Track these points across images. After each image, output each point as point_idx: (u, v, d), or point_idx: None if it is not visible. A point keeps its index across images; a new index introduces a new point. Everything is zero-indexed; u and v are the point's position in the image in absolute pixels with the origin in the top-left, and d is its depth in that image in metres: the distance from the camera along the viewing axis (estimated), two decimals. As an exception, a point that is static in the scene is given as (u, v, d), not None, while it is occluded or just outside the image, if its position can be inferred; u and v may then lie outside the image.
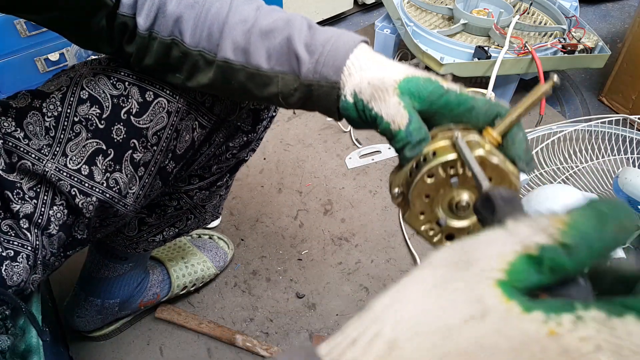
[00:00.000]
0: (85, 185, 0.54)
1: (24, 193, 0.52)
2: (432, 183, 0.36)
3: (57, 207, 0.54)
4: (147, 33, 0.50)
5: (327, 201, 1.15)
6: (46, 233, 0.53)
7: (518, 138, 0.37)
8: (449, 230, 0.38)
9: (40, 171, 0.52)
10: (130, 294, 0.86)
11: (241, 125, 0.67)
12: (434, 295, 0.19)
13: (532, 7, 1.47)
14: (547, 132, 1.19)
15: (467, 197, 0.36)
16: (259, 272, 1.02)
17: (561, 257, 0.19)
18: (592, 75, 1.50)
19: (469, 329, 0.17)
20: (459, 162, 0.35)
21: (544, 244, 0.19)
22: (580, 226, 0.19)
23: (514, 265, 0.19)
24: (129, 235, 0.75)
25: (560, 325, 0.17)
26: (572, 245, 0.19)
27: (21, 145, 0.52)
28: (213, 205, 0.80)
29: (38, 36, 1.12)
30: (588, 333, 0.17)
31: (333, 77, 0.43)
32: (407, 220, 0.38)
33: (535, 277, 0.19)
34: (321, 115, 1.34)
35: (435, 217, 0.37)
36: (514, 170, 0.36)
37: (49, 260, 0.56)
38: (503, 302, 0.18)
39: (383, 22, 1.45)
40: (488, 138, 0.37)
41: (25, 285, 0.53)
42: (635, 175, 0.91)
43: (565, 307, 0.17)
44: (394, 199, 0.39)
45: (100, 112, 0.53)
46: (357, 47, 0.44)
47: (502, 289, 0.18)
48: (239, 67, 0.48)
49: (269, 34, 0.47)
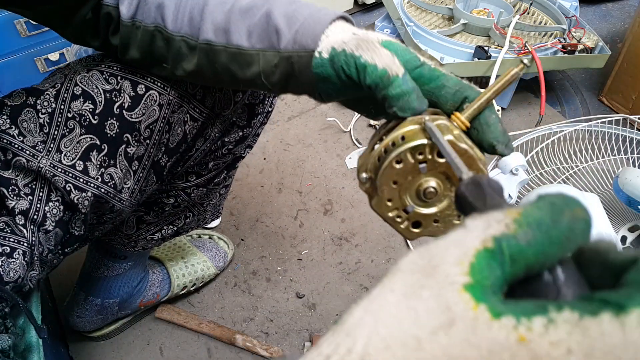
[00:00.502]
0: (80, 180, 0.54)
1: (19, 190, 0.52)
2: (401, 169, 0.35)
3: (52, 203, 0.54)
4: (130, 22, 0.51)
5: (327, 201, 1.15)
6: (42, 229, 0.54)
7: (492, 121, 0.36)
8: (416, 217, 0.37)
9: (35, 167, 0.52)
10: (130, 294, 0.86)
11: (236, 120, 0.67)
12: (403, 305, 0.18)
13: (532, 7, 1.47)
14: (547, 132, 1.19)
15: (435, 183, 0.35)
16: (259, 272, 1.02)
17: (519, 245, 0.18)
18: (592, 75, 1.50)
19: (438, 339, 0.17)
20: (428, 147, 0.34)
21: (500, 234, 0.19)
22: (534, 215, 0.19)
23: (476, 265, 0.18)
24: (128, 233, 0.76)
25: (530, 330, 0.16)
26: (528, 233, 0.18)
27: (16, 142, 0.52)
28: (213, 205, 0.80)
29: (38, 36, 1.12)
30: (559, 337, 0.16)
31: (311, 46, 0.42)
32: (374, 206, 0.37)
33: (499, 270, 0.18)
34: (321, 115, 1.34)
35: (402, 204, 0.37)
36: (481, 157, 0.35)
37: (47, 257, 0.56)
38: (470, 309, 0.17)
39: (383, 22, 1.45)
40: (456, 122, 0.36)
41: (23, 282, 0.53)
42: (635, 175, 0.91)
43: (537, 310, 0.17)
44: (362, 184, 0.38)
45: (93, 107, 0.53)
46: (337, 21, 0.43)
47: (470, 293, 0.17)
48: (220, 48, 0.47)
49: (248, 12, 0.46)
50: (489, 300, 0.17)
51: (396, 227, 0.38)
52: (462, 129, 0.36)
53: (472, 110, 0.36)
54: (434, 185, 0.35)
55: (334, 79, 0.41)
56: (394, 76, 0.37)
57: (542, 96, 1.17)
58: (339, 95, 0.43)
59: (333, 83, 0.41)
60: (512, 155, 0.99)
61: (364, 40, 0.39)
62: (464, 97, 0.38)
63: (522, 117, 1.34)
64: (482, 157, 0.35)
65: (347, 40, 0.39)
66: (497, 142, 0.36)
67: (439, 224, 0.38)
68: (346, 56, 0.39)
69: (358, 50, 0.38)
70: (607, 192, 1.04)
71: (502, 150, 0.36)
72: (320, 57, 0.41)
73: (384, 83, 0.37)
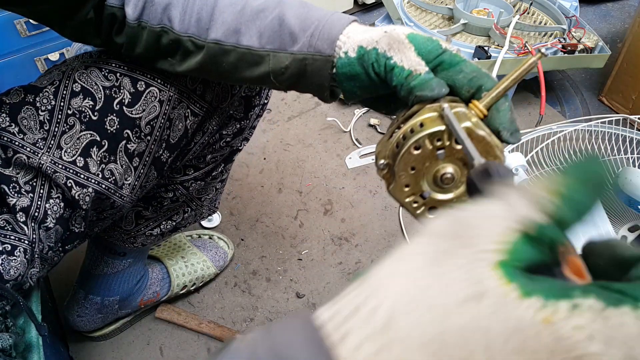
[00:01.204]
0: (81, 176, 0.54)
1: (20, 187, 0.53)
2: (419, 155, 0.36)
3: (53, 200, 0.54)
4: (136, 23, 0.51)
5: (327, 201, 1.15)
6: (43, 226, 0.54)
7: (503, 107, 0.37)
8: (433, 202, 0.38)
9: (35, 164, 0.52)
10: (130, 292, 0.86)
11: (233, 113, 0.68)
12: (433, 271, 0.19)
13: (532, 7, 1.47)
14: (547, 132, 1.19)
15: (453, 169, 0.36)
16: (259, 272, 1.02)
17: (559, 235, 0.19)
18: (592, 75, 1.50)
19: (466, 309, 0.18)
20: (446, 134, 0.35)
21: (543, 223, 0.19)
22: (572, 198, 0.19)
23: (515, 245, 0.19)
24: (127, 229, 0.76)
25: (556, 313, 0.17)
26: (567, 221, 0.19)
27: (16, 140, 0.52)
28: (209, 199, 0.80)
29: (38, 36, 1.12)
30: (582, 322, 0.17)
31: (327, 51, 0.43)
32: (392, 192, 0.38)
33: (536, 256, 0.19)
34: (321, 115, 1.34)
35: (419, 189, 0.37)
36: (499, 144, 0.36)
37: (47, 254, 0.56)
38: (502, 285, 0.18)
39: (383, 22, 1.45)
40: (474, 110, 0.37)
41: (23, 280, 0.53)
42: (635, 175, 0.91)
43: (563, 293, 0.17)
44: (379, 170, 0.39)
45: (93, 104, 0.54)
46: (351, 24, 0.44)
47: (503, 271, 0.18)
48: (230, 48, 0.48)
49: (259, 14, 0.47)
50: (520, 279, 0.18)
51: (412, 213, 0.39)
52: (480, 116, 0.37)
53: (489, 98, 0.37)
54: (451, 171, 0.36)
55: (363, 77, 0.42)
56: (417, 74, 0.38)
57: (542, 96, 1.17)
58: (364, 93, 0.44)
59: (361, 81, 0.43)
60: (513, 155, 0.99)
61: (396, 40, 0.40)
62: (479, 85, 0.39)
63: (522, 117, 1.34)
64: (500, 144, 0.36)
65: (377, 38, 0.41)
66: (504, 129, 0.37)
67: None
68: (377, 55, 0.40)
69: (390, 51, 0.40)
70: (607, 192, 1.04)
71: (507, 137, 0.37)
72: (347, 56, 0.42)
73: (408, 81, 0.39)
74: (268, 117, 1.36)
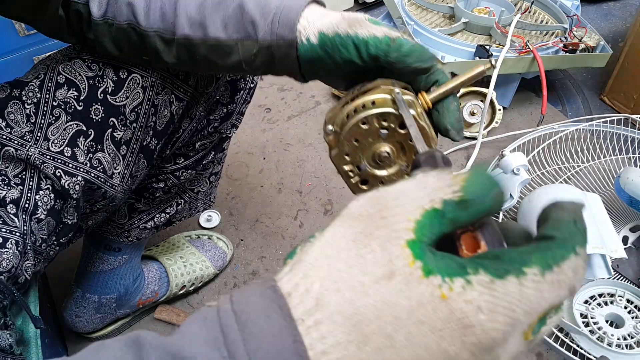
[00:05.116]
0: (70, 166, 0.55)
1: (9, 180, 0.54)
2: (365, 130, 0.39)
3: (43, 192, 0.55)
4: (102, 20, 0.51)
5: (327, 201, 1.14)
6: (34, 218, 0.54)
7: (452, 107, 0.40)
8: (366, 175, 0.41)
9: (23, 156, 0.53)
10: (127, 290, 0.86)
11: (220, 98, 0.68)
12: (354, 253, 0.22)
13: (534, 5, 1.47)
14: (549, 131, 1.18)
15: (390, 150, 0.39)
16: (258, 272, 1.01)
17: (461, 212, 0.22)
18: (594, 74, 1.50)
19: (379, 287, 0.20)
20: (393, 117, 0.38)
21: (448, 199, 0.22)
22: (476, 186, 0.22)
23: (421, 222, 0.21)
24: (120, 222, 0.76)
25: (451, 290, 0.20)
26: (469, 202, 0.22)
27: (3, 134, 0.53)
28: (204, 192, 0.81)
29: (36, 35, 1.12)
30: (472, 296, 0.20)
31: (289, 36, 0.44)
32: (332, 157, 0.41)
33: (438, 228, 0.22)
34: (321, 115, 1.33)
35: (358, 161, 0.41)
36: (434, 137, 0.39)
37: (40, 246, 0.56)
38: (408, 265, 0.21)
39: (383, 20, 1.44)
40: (422, 101, 0.40)
41: (17, 272, 0.53)
42: (637, 175, 0.90)
43: (459, 271, 0.20)
44: (327, 135, 0.41)
45: (77, 94, 0.55)
46: (309, 6, 0.44)
47: (410, 249, 0.21)
48: (198, 41, 0.48)
49: (221, 4, 0.47)
50: (425, 257, 0.21)
51: (347, 181, 0.42)
52: (425, 108, 0.40)
53: (437, 94, 0.40)
54: (389, 151, 0.39)
55: (327, 61, 0.42)
56: (398, 38, 0.39)
57: (543, 95, 1.16)
58: (328, 75, 0.45)
59: (325, 64, 0.43)
60: (514, 155, 0.99)
61: (354, 19, 0.41)
62: (435, 80, 0.41)
63: (524, 117, 1.33)
64: (435, 137, 0.40)
65: (336, 22, 0.41)
66: (452, 127, 0.40)
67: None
68: (341, 37, 0.41)
69: (352, 28, 0.40)
70: (609, 192, 1.03)
71: (453, 136, 0.40)
72: (309, 42, 0.42)
73: (392, 47, 0.39)
74: (268, 116, 1.35)
